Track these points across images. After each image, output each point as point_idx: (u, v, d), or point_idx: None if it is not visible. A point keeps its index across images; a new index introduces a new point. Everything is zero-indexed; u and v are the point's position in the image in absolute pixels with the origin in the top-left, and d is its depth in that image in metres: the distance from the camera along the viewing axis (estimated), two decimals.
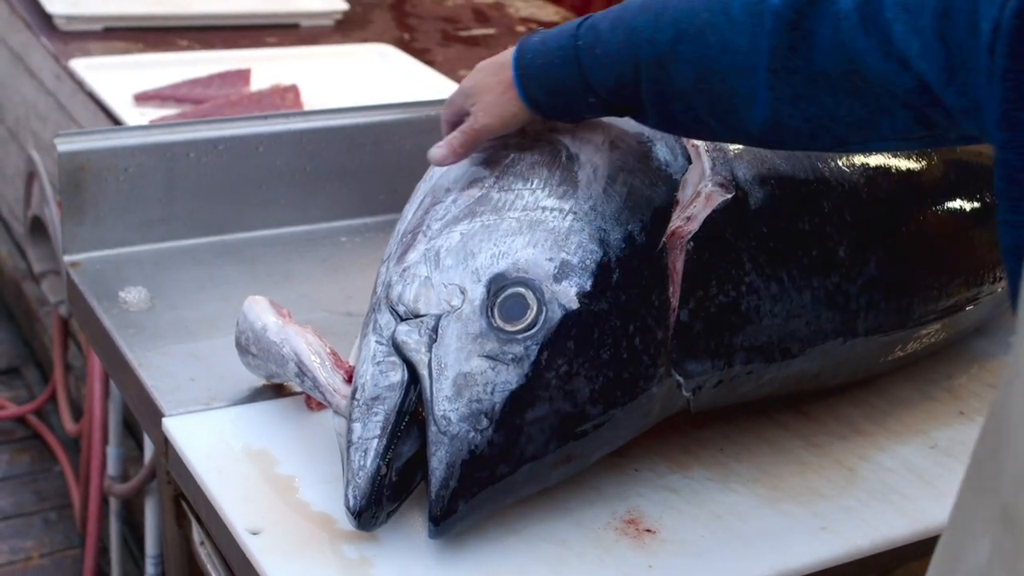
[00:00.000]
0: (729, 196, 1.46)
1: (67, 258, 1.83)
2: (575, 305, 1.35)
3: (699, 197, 1.45)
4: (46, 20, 2.94)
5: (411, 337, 1.34)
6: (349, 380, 1.40)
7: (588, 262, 1.37)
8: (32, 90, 3.05)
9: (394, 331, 1.36)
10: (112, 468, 2.64)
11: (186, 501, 1.87)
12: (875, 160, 1.60)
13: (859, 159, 1.58)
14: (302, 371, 1.44)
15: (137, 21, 3.01)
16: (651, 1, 1.35)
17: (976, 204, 1.69)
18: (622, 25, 1.35)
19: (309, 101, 2.55)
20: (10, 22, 3.17)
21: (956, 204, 1.67)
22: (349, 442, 1.32)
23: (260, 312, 1.51)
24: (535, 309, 1.34)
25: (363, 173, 2.01)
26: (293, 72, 2.70)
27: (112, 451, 2.63)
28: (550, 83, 1.40)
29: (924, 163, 1.66)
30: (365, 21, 3.28)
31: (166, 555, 1.94)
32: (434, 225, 1.43)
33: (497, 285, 1.35)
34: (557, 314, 1.34)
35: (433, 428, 1.30)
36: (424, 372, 1.32)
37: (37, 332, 3.48)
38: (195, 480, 1.44)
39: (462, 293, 1.35)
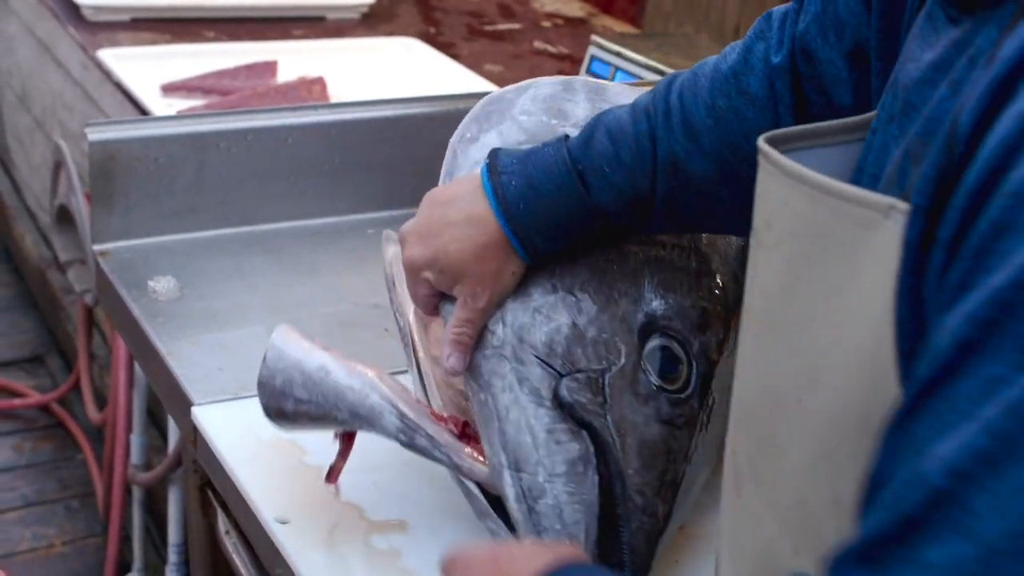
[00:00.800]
0: None
1: (96, 247, 1.84)
2: (715, 357, 1.28)
3: None
4: (74, 10, 2.95)
5: (584, 396, 1.20)
6: (460, 435, 1.25)
7: (719, 308, 1.30)
8: (59, 80, 3.06)
9: (558, 387, 1.20)
10: (135, 457, 2.65)
11: (212, 490, 1.88)
12: None
13: None
14: (406, 424, 1.23)
15: (164, 12, 3.02)
16: (646, 102, 1.23)
17: None
18: (624, 135, 1.21)
19: (335, 94, 2.55)
20: (38, 12, 3.18)
21: None
22: (538, 527, 1.16)
23: (306, 347, 1.27)
24: (685, 363, 1.25)
25: (390, 166, 2.02)
26: (319, 65, 2.71)
27: (136, 439, 2.64)
28: (556, 225, 1.21)
29: None
30: (391, 15, 3.28)
31: (190, 544, 1.95)
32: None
33: (645, 335, 1.24)
34: (703, 368, 1.27)
35: (630, 504, 1.19)
36: (608, 439, 1.19)
37: (61, 321, 3.50)
38: (224, 469, 1.44)
39: (618, 348, 1.23)
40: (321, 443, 1.47)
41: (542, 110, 1.40)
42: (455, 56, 2.93)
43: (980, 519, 0.60)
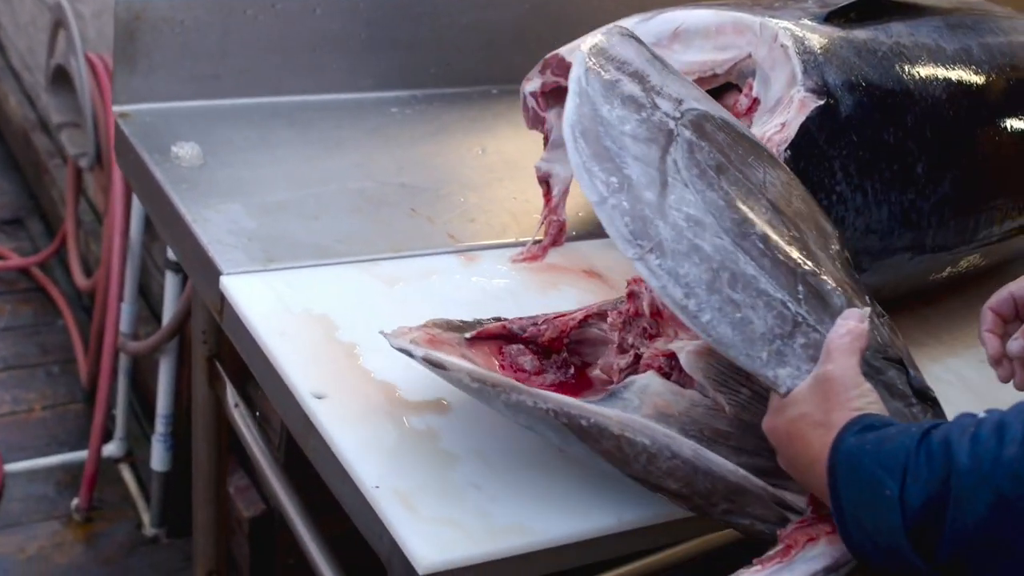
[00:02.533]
0: (821, 102, 1.42)
1: (116, 108, 1.79)
2: None
3: (791, 103, 1.42)
4: None
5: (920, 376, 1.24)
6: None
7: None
8: None
9: (910, 380, 1.23)
10: (125, 325, 2.62)
11: (220, 362, 1.87)
12: (958, 77, 1.57)
13: (943, 74, 1.55)
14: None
15: None
16: None
17: None
18: None
19: None
20: None
21: None
22: None
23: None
24: None
25: (417, 45, 1.98)
26: None
27: (126, 308, 2.62)
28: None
29: (1005, 86, 1.63)
30: None
31: (194, 416, 1.93)
32: (804, 260, 1.21)
33: None
34: None
35: None
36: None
37: (44, 184, 3.44)
38: (255, 341, 1.41)
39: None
40: (352, 318, 1.45)
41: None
42: None
43: None
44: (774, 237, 1.19)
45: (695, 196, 1.18)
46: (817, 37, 1.47)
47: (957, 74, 1.57)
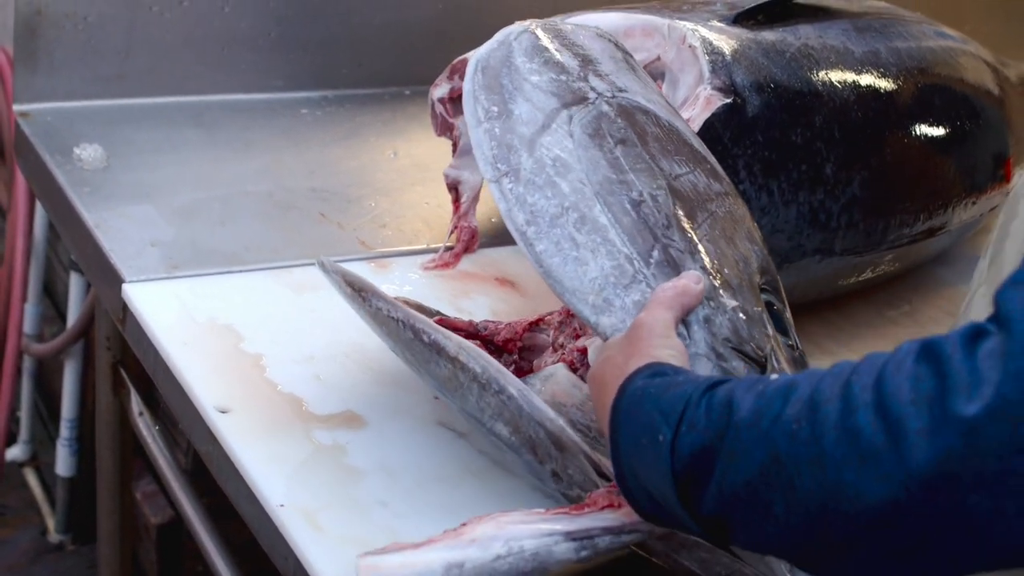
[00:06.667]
0: (728, 101, 1.42)
1: (17, 107, 1.74)
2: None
3: (698, 100, 1.41)
4: None
5: None
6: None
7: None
8: None
9: None
10: (29, 327, 2.56)
11: (125, 369, 1.82)
12: (867, 79, 1.57)
13: (851, 76, 1.55)
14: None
15: None
16: None
17: (958, 136, 1.67)
18: None
19: None
20: None
21: (939, 133, 1.65)
22: None
23: None
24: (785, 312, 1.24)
25: (329, 44, 1.95)
26: None
27: (30, 308, 2.55)
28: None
29: (914, 89, 1.63)
30: None
31: (98, 423, 1.88)
32: (674, 236, 1.17)
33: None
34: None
35: None
36: None
37: None
38: (158, 353, 1.37)
39: (761, 317, 1.18)
40: (258, 328, 1.41)
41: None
42: None
43: None
44: (649, 207, 1.17)
45: (573, 145, 1.19)
46: (725, 38, 1.47)
47: (865, 77, 1.58)
